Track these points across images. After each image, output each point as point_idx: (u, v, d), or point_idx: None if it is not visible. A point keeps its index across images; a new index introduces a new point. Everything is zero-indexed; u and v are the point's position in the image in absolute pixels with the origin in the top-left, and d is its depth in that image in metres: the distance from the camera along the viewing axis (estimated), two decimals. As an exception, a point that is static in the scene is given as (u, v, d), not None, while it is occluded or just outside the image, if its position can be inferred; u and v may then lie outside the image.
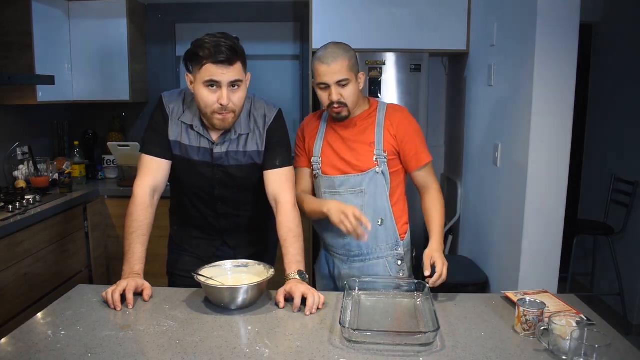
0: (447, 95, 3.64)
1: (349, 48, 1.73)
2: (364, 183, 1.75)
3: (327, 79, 1.68)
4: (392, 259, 1.80)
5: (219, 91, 1.53)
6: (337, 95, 1.69)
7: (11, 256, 2.29)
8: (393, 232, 1.80)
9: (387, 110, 1.79)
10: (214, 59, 1.49)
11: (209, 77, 1.51)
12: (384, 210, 1.77)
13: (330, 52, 1.68)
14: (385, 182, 1.76)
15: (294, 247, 1.58)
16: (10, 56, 2.83)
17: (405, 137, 1.75)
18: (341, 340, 1.26)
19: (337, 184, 1.77)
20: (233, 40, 1.54)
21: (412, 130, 1.77)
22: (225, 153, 1.67)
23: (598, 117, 3.74)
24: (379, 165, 1.74)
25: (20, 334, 1.29)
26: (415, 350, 1.22)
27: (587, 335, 1.10)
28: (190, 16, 3.62)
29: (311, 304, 1.43)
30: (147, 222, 1.60)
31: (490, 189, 2.70)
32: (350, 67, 1.68)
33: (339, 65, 1.66)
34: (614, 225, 3.36)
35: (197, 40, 1.54)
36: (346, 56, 1.68)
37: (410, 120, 1.79)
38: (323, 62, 1.67)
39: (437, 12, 2.97)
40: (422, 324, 1.36)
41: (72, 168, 3.16)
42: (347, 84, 1.68)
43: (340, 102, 1.70)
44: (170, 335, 1.29)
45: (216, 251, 1.84)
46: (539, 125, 2.19)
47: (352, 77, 1.69)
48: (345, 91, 1.69)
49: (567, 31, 2.14)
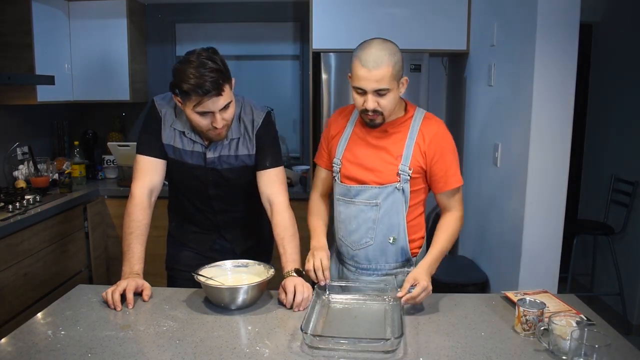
0: (447, 95, 3.64)
1: (395, 50, 1.51)
2: (381, 197, 1.62)
3: (365, 85, 1.49)
4: (403, 276, 1.63)
5: (211, 116, 1.54)
6: (373, 103, 1.51)
7: (11, 256, 2.29)
8: (405, 251, 1.67)
9: (423, 121, 1.62)
10: (202, 93, 1.47)
11: (200, 109, 1.52)
12: (397, 228, 1.64)
13: (374, 55, 1.47)
14: (404, 200, 1.62)
15: (291, 246, 1.61)
16: (10, 56, 2.83)
17: (436, 156, 1.60)
18: (302, 346, 1.24)
19: (352, 193, 1.66)
20: (216, 62, 1.50)
21: (445, 149, 1.61)
22: (217, 157, 1.70)
23: (598, 117, 3.74)
24: (400, 182, 1.60)
25: (20, 334, 1.29)
26: (378, 357, 1.20)
27: (587, 335, 1.11)
28: (190, 16, 3.62)
29: (299, 300, 1.46)
30: (145, 222, 1.62)
31: (490, 189, 2.70)
32: (393, 75, 1.49)
33: (382, 73, 1.47)
34: (614, 225, 3.36)
35: (180, 71, 1.49)
36: (391, 62, 1.48)
37: (445, 137, 1.62)
38: (363, 65, 1.47)
39: (437, 12, 2.97)
40: (390, 330, 1.33)
41: (72, 168, 3.16)
42: (387, 93, 1.50)
43: (376, 111, 1.54)
44: (170, 335, 1.29)
45: (213, 244, 1.87)
46: (539, 125, 2.19)
47: (394, 85, 1.51)
48: (383, 100, 1.51)
49: (567, 31, 2.14)
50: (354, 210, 1.66)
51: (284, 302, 1.48)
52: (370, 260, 1.68)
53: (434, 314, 1.44)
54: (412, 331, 1.33)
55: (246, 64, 3.63)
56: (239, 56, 3.60)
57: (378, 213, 1.63)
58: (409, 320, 1.39)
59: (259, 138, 1.71)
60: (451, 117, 3.54)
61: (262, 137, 1.72)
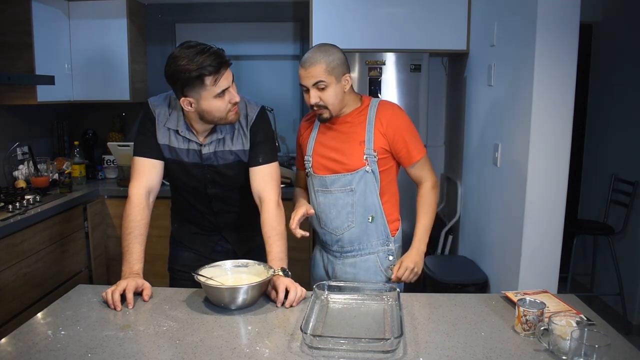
0: (447, 95, 3.64)
1: (333, 50, 1.72)
2: (354, 182, 1.77)
3: (304, 82, 1.71)
4: (384, 254, 1.84)
5: (227, 94, 1.58)
6: (315, 98, 1.71)
7: (11, 256, 2.29)
8: (383, 229, 1.82)
9: (378, 108, 1.79)
10: (215, 69, 1.51)
11: (219, 89, 1.55)
12: (374, 208, 1.79)
13: (309, 56, 1.70)
14: (375, 181, 1.77)
15: (277, 244, 1.62)
16: (10, 56, 2.83)
17: (396, 136, 1.76)
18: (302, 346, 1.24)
19: (328, 182, 1.79)
20: (201, 45, 1.54)
21: (402, 127, 1.77)
22: (213, 153, 1.71)
23: (598, 117, 3.74)
24: (368, 164, 1.75)
25: (20, 334, 1.29)
26: (378, 357, 1.19)
27: (587, 335, 1.11)
28: (190, 16, 3.62)
29: (292, 297, 1.47)
30: (144, 222, 1.63)
31: (490, 189, 2.70)
32: (329, 70, 1.68)
33: (316, 69, 1.67)
34: (614, 225, 3.36)
35: (180, 70, 1.51)
36: (325, 59, 1.68)
37: (400, 117, 1.79)
38: (301, 66, 1.71)
39: (437, 12, 2.97)
40: (389, 329, 1.33)
41: (72, 168, 3.16)
42: (326, 87, 1.69)
43: (319, 105, 1.72)
44: (170, 335, 1.29)
45: (215, 246, 1.88)
46: (539, 125, 2.19)
47: (332, 79, 1.69)
48: (324, 94, 1.70)
49: (567, 31, 2.14)
50: (331, 198, 1.80)
51: (275, 299, 1.49)
52: (353, 242, 1.82)
53: (434, 314, 1.44)
54: (411, 331, 1.33)
55: (246, 64, 3.63)
56: (239, 56, 3.60)
57: (354, 197, 1.78)
58: (409, 320, 1.39)
59: (253, 133, 1.72)
60: (451, 117, 3.55)
61: (257, 132, 1.72)
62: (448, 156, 3.63)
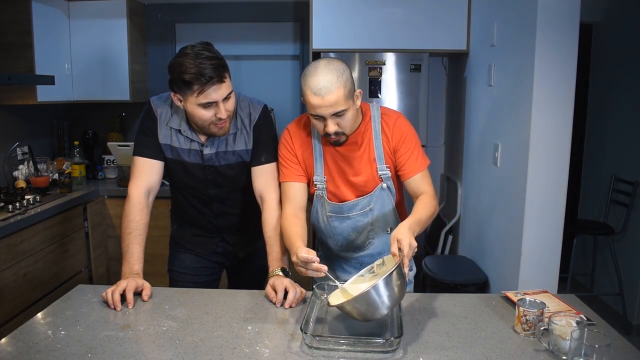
0: (447, 95, 3.64)
1: (343, 68, 1.50)
2: (372, 202, 1.68)
3: (322, 112, 1.48)
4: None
5: (215, 107, 1.55)
6: (334, 126, 1.51)
7: (11, 256, 2.29)
8: None
9: (382, 118, 1.66)
10: (204, 81, 1.48)
11: (204, 100, 1.51)
12: (391, 219, 1.72)
13: (323, 81, 1.45)
14: (391, 194, 1.69)
15: (277, 245, 1.62)
16: (10, 56, 2.83)
17: (399, 143, 1.64)
18: (301, 346, 1.24)
19: (345, 209, 1.69)
20: (214, 53, 1.51)
21: (406, 136, 1.64)
22: (215, 154, 1.70)
23: (598, 117, 3.74)
24: (383, 181, 1.66)
25: (20, 334, 1.29)
26: (378, 357, 1.19)
27: (587, 335, 1.11)
28: (190, 16, 3.62)
29: (291, 297, 1.46)
30: (143, 222, 1.63)
31: (490, 189, 2.70)
32: (347, 95, 1.48)
33: (335, 97, 1.45)
34: (614, 225, 3.36)
35: (177, 64, 1.50)
36: (341, 82, 1.46)
37: (404, 126, 1.66)
38: (316, 94, 1.45)
39: (437, 12, 2.97)
40: (389, 329, 1.33)
41: (72, 168, 3.16)
42: (345, 113, 1.50)
43: (338, 132, 1.54)
44: (170, 335, 1.29)
45: (216, 248, 1.88)
46: (539, 125, 2.19)
47: (350, 104, 1.51)
48: (343, 120, 1.52)
49: (567, 31, 2.14)
50: (349, 222, 1.71)
51: (274, 300, 1.48)
52: (374, 255, 1.74)
53: (434, 314, 1.44)
54: (412, 331, 1.33)
55: (246, 64, 3.64)
56: (239, 56, 3.60)
57: (373, 215, 1.70)
58: (409, 320, 1.39)
59: (256, 132, 1.71)
60: (451, 117, 3.55)
61: (260, 132, 1.71)
62: (448, 156, 3.63)
